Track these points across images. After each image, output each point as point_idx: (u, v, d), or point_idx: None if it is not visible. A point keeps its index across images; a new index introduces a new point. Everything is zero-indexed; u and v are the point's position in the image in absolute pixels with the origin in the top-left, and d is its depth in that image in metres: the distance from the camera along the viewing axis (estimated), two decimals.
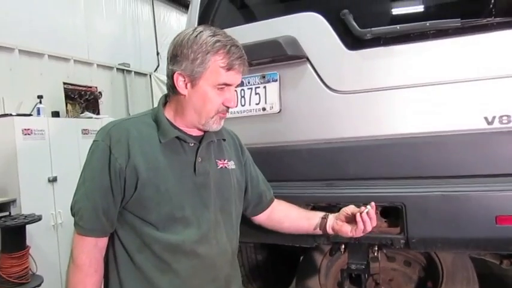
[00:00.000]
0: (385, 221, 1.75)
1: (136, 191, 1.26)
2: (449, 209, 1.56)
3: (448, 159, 1.63)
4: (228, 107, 1.34)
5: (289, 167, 1.90)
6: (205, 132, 1.38)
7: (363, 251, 1.75)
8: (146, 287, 1.28)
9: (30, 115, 4.12)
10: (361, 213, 1.41)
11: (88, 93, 4.96)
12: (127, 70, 6.37)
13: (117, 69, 6.17)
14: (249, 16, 2.24)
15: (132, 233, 1.29)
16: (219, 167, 1.42)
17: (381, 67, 1.77)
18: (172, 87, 1.33)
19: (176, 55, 1.29)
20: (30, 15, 4.66)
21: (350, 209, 1.48)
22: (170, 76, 1.32)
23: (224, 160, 1.45)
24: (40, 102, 4.26)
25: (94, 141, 1.30)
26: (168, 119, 1.35)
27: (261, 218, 1.65)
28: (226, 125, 1.83)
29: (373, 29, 1.74)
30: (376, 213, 1.72)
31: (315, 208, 1.84)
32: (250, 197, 1.59)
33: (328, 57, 1.86)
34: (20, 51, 4.50)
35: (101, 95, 5.21)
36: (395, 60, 1.75)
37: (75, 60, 5.24)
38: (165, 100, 1.41)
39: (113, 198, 1.26)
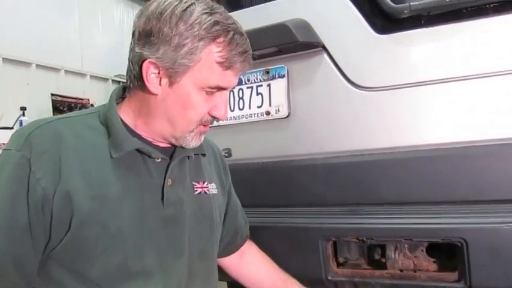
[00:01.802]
0: (434, 262, 1.27)
1: (69, 232, 0.80)
2: None
3: None
4: (214, 118, 0.90)
5: (300, 188, 1.42)
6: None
7: None
8: None
9: (11, 128, 3.71)
10: None
11: (79, 105, 4.56)
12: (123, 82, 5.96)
13: (113, 80, 5.77)
14: None
15: None
16: (196, 193, 0.97)
17: (424, 55, 1.31)
18: (137, 78, 0.87)
19: (150, 33, 0.84)
20: (18, 23, 4.28)
21: None
22: (137, 63, 0.86)
23: (204, 182, 1.00)
24: (23, 114, 3.84)
25: (4, 150, 0.83)
26: (124, 123, 0.89)
27: (228, 262, 1.21)
28: (217, 135, 1.38)
29: (412, 3, 1.28)
30: (422, 250, 1.24)
31: (335, 244, 1.36)
32: (224, 232, 1.14)
33: (351, 44, 1.40)
34: (4, 59, 4.10)
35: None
36: (443, 45, 1.28)
37: (66, 71, 4.85)
38: (122, 94, 0.96)
39: (32, 242, 0.80)
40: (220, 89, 0.88)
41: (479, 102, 1.21)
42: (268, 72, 1.51)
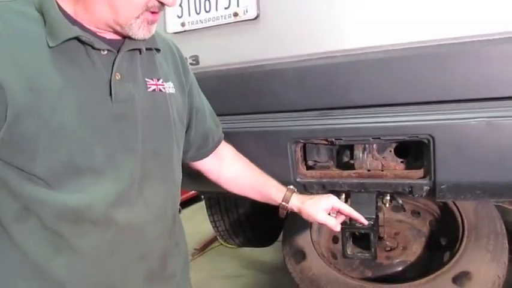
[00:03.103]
0: (402, 162, 1.26)
1: (6, 125, 0.71)
2: (498, 142, 1.06)
3: (497, 74, 1.10)
4: (162, 3, 0.79)
5: (270, 94, 1.35)
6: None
7: (371, 202, 1.26)
8: (30, 274, 0.78)
9: None
10: None
11: None
12: None
13: None
14: None
15: (6, 193, 0.76)
16: (150, 90, 0.88)
17: None
18: None
19: None
20: None
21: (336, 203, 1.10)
22: None
23: (158, 80, 0.91)
24: None
25: None
26: (62, 10, 0.78)
27: (202, 166, 1.15)
28: (182, 41, 1.29)
29: None
30: (390, 151, 1.22)
31: (304, 147, 1.33)
32: (193, 136, 1.08)
33: None
34: None
35: None
36: None
37: None
38: None
39: None
40: None
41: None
42: None
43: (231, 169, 1.17)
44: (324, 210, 1.09)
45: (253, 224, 2.36)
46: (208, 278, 3.07)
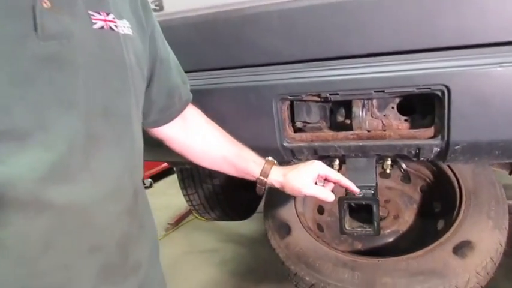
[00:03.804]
0: (406, 120, 1.06)
1: None
2: None
3: None
4: None
5: (251, 44, 1.12)
6: None
7: (370, 168, 1.07)
8: None
9: None
10: None
11: None
12: None
13: None
14: None
15: None
16: (96, 26, 0.64)
17: None
18: None
19: None
20: None
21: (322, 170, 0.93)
22: None
23: (107, 15, 0.66)
24: None
25: None
26: None
27: (165, 133, 0.93)
28: None
29: None
30: (392, 107, 1.02)
31: (292, 106, 1.11)
32: (156, 93, 0.85)
33: None
34: None
35: None
36: None
37: None
38: None
39: None
40: None
41: None
42: None
43: (199, 138, 0.95)
44: (310, 180, 0.92)
45: (230, 196, 2.15)
46: (184, 253, 2.89)
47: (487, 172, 1.50)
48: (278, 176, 0.94)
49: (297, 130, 1.12)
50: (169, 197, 3.70)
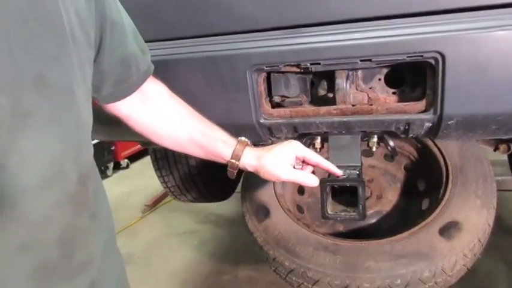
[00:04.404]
0: (394, 93, 0.95)
1: None
2: None
3: None
4: None
5: (222, 9, 0.98)
6: None
7: (355, 145, 0.96)
8: None
9: None
10: None
11: None
12: None
13: None
14: None
15: None
16: None
17: None
18: None
19: None
20: None
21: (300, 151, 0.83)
22: None
23: None
24: None
25: None
26: None
27: (122, 110, 0.80)
28: None
29: None
30: (379, 79, 0.91)
31: (269, 79, 0.99)
32: (107, 63, 0.71)
33: None
34: None
35: None
36: None
37: None
38: None
39: None
40: None
41: None
42: None
43: (161, 115, 0.83)
44: (288, 164, 0.82)
45: (206, 177, 2.03)
46: (161, 236, 2.79)
47: (474, 148, 1.42)
48: (251, 159, 0.83)
49: (274, 105, 1.00)
50: (146, 178, 3.56)
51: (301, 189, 1.61)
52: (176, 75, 0.88)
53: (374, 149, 1.03)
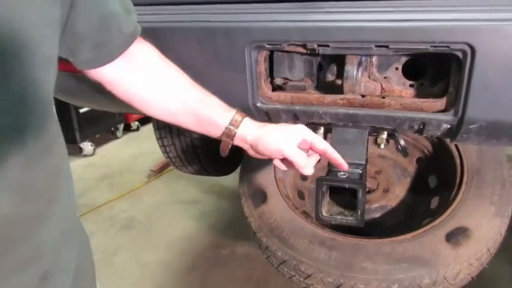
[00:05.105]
0: (411, 86, 0.83)
1: None
2: None
3: None
4: None
5: None
6: None
7: (361, 141, 0.85)
8: None
9: None
10: None
11: None
12: None
13: None
14: None
15: None
16: None
17: None
18: None
19: None
20: None
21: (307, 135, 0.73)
22: None
23: None
24: None
25: None
26: None
27: (105, 76, 0.70)
28: None
29: None
30: (396, 68, 0.79)
31: (271, 58, 0.87)
32: (81, 24, 0.60)
33: None
34: None
35: None
36: None
37: None
38: None
39: None
40: None
41: None
42: None
43: (151, 80, 0.73)
44: (294, 140, 0.73)
45: (209, 150, 1.94)
46: (164, 202, 2.75)
47: (495, 150, 1.29)
48: (252, 127, 0.73)
49: (275, 88, 0.89)
50: (155, 142, 3.50)
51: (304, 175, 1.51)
52: (165, 45, 0.78)
53: (382, 146, 0.92)
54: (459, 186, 1.24)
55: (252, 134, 0.73)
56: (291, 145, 0.72)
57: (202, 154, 1.94)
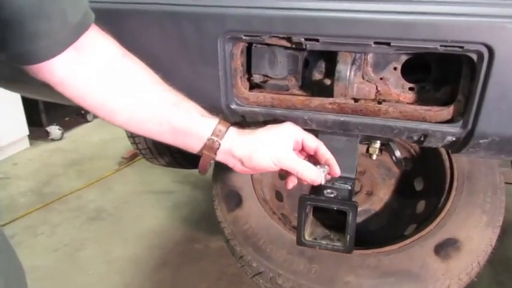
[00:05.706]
0: (411, 89, 0.71)
1: None
2: None
3: None
4: None
5: None
6: None
7: (351, 151, 0.73)
8: None
9: None
10: None
11: None
12: None
13: None
14: None
15: None
16: None
17: None
18: None
19: None
20: None
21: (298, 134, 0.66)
22: None
23: None
24: None
25: None
26: None
27: (52, 73, 0.55)
28: None
29: None
30: (394, 68, 0.66)
31: (249, 50, 0.73)
32: (8, 12, 0.46)
33: None
34: None
35: None
36: None
37: None
38: None
39: None
40: None
41: None
42: None
43: (112, 81, 0.59)
44: (290, 145, 0.66)
45: None
46: (135, 193, 2.60)
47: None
48: (241, 140, 0.63)
49: (253, 86, 0.75)
50: None
51: (282, 174, 1.39)
52: (124, 32, 0.63)
53: (374, 157, 0.80)
54: (448, 192, 1.14)
55: (241, 147, 0.61)
56: (288, 153, 0.63)
57: (174, 146, 1.79)
